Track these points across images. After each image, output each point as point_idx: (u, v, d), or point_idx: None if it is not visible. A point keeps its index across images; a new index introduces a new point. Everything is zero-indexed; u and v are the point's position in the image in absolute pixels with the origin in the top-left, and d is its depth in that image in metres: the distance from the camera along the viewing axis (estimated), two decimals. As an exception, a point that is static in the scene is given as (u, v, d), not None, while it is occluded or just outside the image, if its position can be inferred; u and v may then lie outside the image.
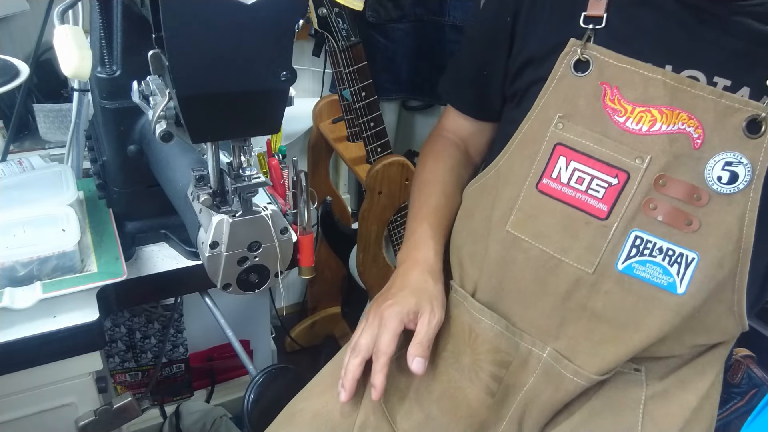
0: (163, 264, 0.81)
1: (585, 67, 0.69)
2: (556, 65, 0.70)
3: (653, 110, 0.66)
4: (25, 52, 1.02)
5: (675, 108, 0.65)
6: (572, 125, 0.69)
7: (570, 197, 0.69)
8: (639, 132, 0.66)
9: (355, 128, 1.22)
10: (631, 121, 0.67)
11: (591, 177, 0.68)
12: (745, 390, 1.01)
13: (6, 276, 0.68)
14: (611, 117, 0.67)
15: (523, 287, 0.71)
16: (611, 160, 0.66)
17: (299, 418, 0.72)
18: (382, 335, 0.68)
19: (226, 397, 1.45)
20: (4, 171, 0.89)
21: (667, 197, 0.64)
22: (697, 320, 0.66)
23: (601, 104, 0.68)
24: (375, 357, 0.68)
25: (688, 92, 0.65)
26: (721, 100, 0.63)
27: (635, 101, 0.66)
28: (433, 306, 0.71)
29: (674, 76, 0.65)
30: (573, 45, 0.69)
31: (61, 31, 0.60)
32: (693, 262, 0.64)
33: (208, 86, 0.46)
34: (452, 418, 0.72)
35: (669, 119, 0.65)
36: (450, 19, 1.35)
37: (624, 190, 0.66)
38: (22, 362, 0.68)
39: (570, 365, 0.68)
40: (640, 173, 0.65)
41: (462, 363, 0.74)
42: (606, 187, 0.67)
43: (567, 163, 0.69)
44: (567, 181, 0.69)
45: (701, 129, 0.64)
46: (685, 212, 0.64)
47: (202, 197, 0.55)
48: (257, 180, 0.55)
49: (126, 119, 0.74)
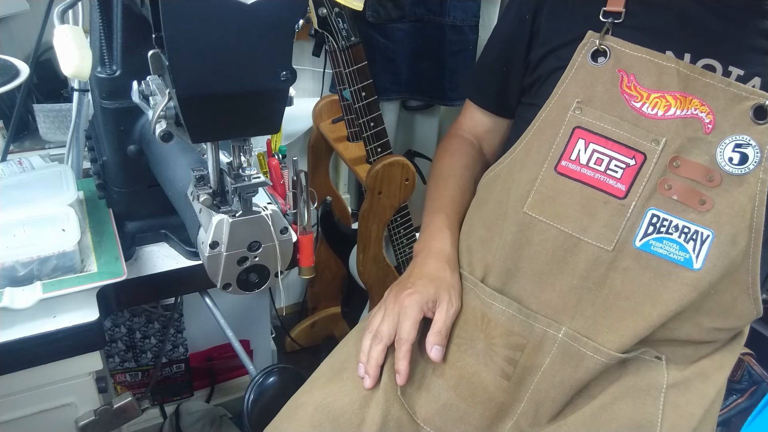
0: (163, 264, 0.81)
1: (603, 56, 0.72)
2: (575, 55, 0.73)
3: (668, 96, 0.69)
4: (25, 52, 1.02)
5: (688, 94, 0.68)
6: (591, 109, 0.72)
7: (589, 177, 0.71)
8: (654, 116, 0.69)
9: (355, 128, 1.22)
10: (647, 105, 0.70)
11: (610, 158, 0.71)
12: (745, 387, 1.02)
13: (6, 276, 0.68)
14: (628, 102, 0.71)
15: (539, 269, 0.73)
16: (628, 141, 0.70)
17: (302, 411, 0.72)
18: (403, 323, 0.71)
19: (226, 397, 1.45)
20: (4, 171, 0.89)
21: (681, 178, 0.68)
22: (714, 300, 0.68)
23: (619, 90, 0.71)
24: (397, 344, 0.71)
25: (699, 80, 0.68)
26: (730, 88, 0.67)
27: (651, 87, 0.70)
28: (451, 295, 0.75)
29: (687, 65, 0.69)
30: (591, 36, 0.72)
31: (61, 31, 0.60)
32: (708, 239, 0.67)
33: (208, 86, 0.46)
34: (470, 404, 0.73)
35: (683, 104, 0.68)
36: (450, 19, 1.35)
37: (641, 171, 0.69)
38: (22, 362, 0.68)
39: (590, 343, 0.70)
40: (656, 155, 0.68)
41: (476, 348, 0.75)
42: (624, 168, 0.70)
43: (586, 145, 0.72)
44: (586, 162, 0.72)
45: (712, 114, 0.67)
46: (699, 192, 0.67)
47: (202, 197, 0.55)
48: (257, 180, 0.55)
49: (126, 119, 0.74)
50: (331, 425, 0.70)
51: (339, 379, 0.75)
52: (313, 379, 0.78)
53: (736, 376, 1.02)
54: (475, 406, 0.73)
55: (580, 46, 0.73)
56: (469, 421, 0.73)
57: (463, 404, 0.74)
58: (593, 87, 0.72)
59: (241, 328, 1.41)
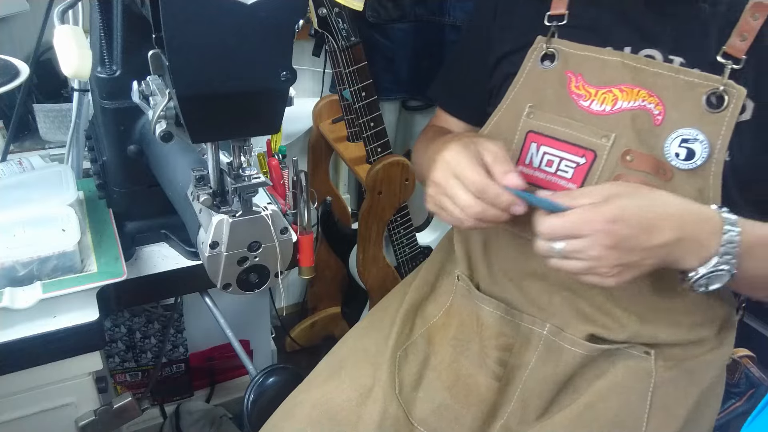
0: (163, 264, 0.81)
1: (551, 59, 0.72)
2: (525, 60, 0.73)
3: (614, 90, 0.68)
4: (25, 52, 1.02)
5: (635, 86, 0.67)
6: (541, 113, 0.71)
7: (541, 180, 0.71)
8: (603, 112, 0.68)
9: (355, 128, 1.22)
10: (595, 103, 0.69)
11: (559, 158, 0.70)
12: (743, 390, 1.02)
13: (6, 276, 0.68)
14: (576, 102, 0.70)
15: (511, 271, 0.74)
16: (577, 140, 0.69)
17: (299, 409, 0.73)
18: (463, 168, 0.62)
19: (226, 397, 1.45)
20: (4, 171, 0.89)
21: (635, 171, 0.66)
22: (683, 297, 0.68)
23: (567, 91, 0.70)
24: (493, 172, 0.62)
25: (647, 71, 0.66)
26: (680, 76, 0.65)
27: (598, 84, 0.69)
28: (485, 142, 0.65)
29: (632, 57, 0.67)
30: (539, 41, 0.72)
31: (61, 31, 0.60)
32: None
33: (208, 86, 0.46)
34: (464, 405, 0.74)
35: (629, 96, 0.67)
36: (450, 19, 1.35)
37: (592, 169, 0.68)
38: (22, 362, 0.68)
39: (568, 336, 0.71)
40: (606, 150, 0.67)
41: (471, 351, 0.76)
42: (574, 167, 0.69)
43: (537, 149, 0.72)
44: (538, 164, 0.71)
45: (662, 105, 0.66)
46: (655, 185, 0.65)
47: (202, 197, 0.55)
48: (257, 180, 0.55)
49: (126, 119, 0.74)
50: (328, 422, 0.70)
51: (337, 376, 0.75)
52: (311, 378, 0.79)
53: (734, 379, 1.02)
54: (469, 407, 0.74)
55: (530, 51, 0.73)
56: (463, 423, 0.73)
57: (457, 405, 0.74)
58: (543, 91, 0.72)
59: (241, 328, 1.41)
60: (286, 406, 0.76)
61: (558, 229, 0.58)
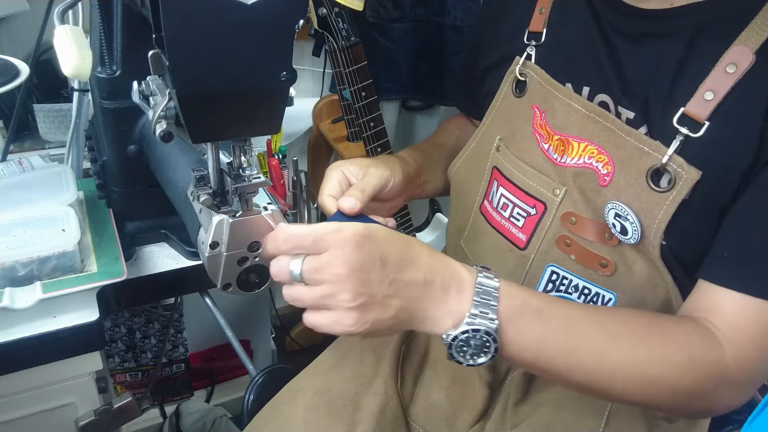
0: (163, 264, 0.81)
1: (522, 87, 0.66)
2: (503, 83, 0.69)
3: (568, 138, 0.61)
4: (25, 52, 1.02)
5: (584, 140, 0.59)
6: (506, 150, 0.67)
7: (497, 222, 0.68)
8: (556, 162, 0.62)
9: (355, 128, 1.22)
10: (551, 148, 0.63)
11: (513, 205, 0.66)
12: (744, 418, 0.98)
13: (6, 276, 0.68)
14: (539, 143, 0.64)
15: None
16: (530, 189, 0.64)
17: (301, 395, 0.72)
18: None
19: (226, 397, 1.45)
20: (4, 171, 0.88)
21: (578, 237, 0.60)
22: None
23: (531, 128, 0.65)
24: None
25: (600, 123, 0.58)
26: (630, 138, 0.56)
27: (555, 127, 0.62)
28: (373, 164, 0.66)
29: (587, 104, 0.59)
30: (516, 63, 0.67)
31: (61, 31, 0.60)
32: (610, 303, 0.61)
33: (209, 86, 0.46)
34: (456, 408, 0.73)
35: (576, 151, 0.60)
36: (450, 19, 1.35)
37: (541, 222, 0.63)
38: (22, 362, 0.68)
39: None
40: (555, 205, 0.61)
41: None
42: (525, 217, 0.64)
43: (497, 188, 0.68)
44: (497, 206, 0.68)
45: (611, 165, 0.57)
46: (598, 255, 0.59)
47: (202, 197, 0.55)
48: (257, 180, 0.55)
49: (126, 119, 0.74)
50: (326, 408, 0.70)
51: (340, 365, 0.76)
52: (316, 363, 0.79)
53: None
54: (460, 410, 0.73)
55: (508, 73, 0.68)
56: (454, 425, 0.72)
57: (450, 407, 0.73)
58: (512, 123, 0.67)
59: (241, 328, 1.41)
60: (289, 389, 0.75)
61: (297, 235, 0.49)
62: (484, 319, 0.49)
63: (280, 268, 0.50)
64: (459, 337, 0.49)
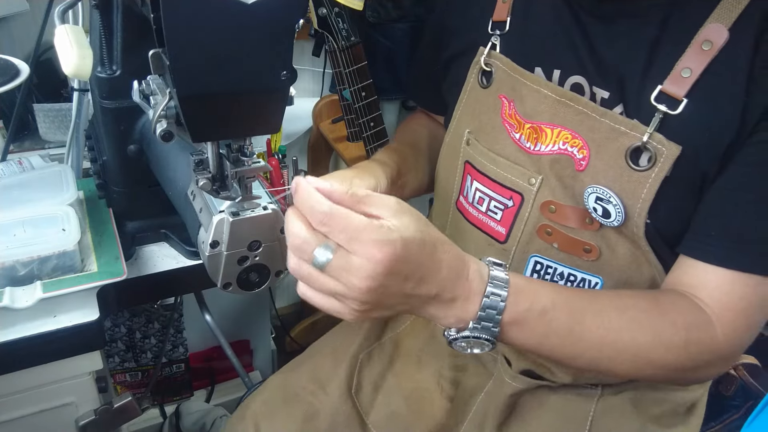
0: (163, 264, 0.81)
1: (488, 77, 0.65)
2: (468, 74, 0.67)
3: (537, 126, 0.60)
4: (25, 52, 1.02)
5: (556, 125, 0.58)
6: (476, 143, 0.66)
7: (474, 218, 0.67)
8: (529, 150, 0.61)
9: (355, 128, 1.22)
10: (523, 137, 0.61)
11: (489, 198, 0.64)
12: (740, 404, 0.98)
13: (6, 276, 0.68)
14: (509, 133, 0.62)
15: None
16: (505, 180, 0.62)
17: (262, 390, 0.78)
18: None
19: (226, 397, 1.45)
20: (4, 171, 0.88)
21: (559, 225, 0.59)
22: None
23: (500, 119, 0.63)
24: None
25: (572, 107, 0.57)
26: (605, 120, 0.55)
27: (525, 116, 0.61)
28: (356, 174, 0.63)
29: (557, 89, 0.58)
30: (480, 54, 0.65)
31: (61, 31, 0.60)
32: (597, 287, 0.61)
33: (209, 86, 0.46)
34: (416, 418, 0.73)
35: (550, 138, 0.59)
36: (450, 19, 1.35)
37: (519, 213, 0.62)
38: (22, 362, 0.68)
39: (509, 370, 0.69)
40: (532, 195, 0.60)
41: (431, 366, 0.76)
42: (503, 209, 0.63)
43: (471, 183, 0.66)
44: (473, 200, 0.66)
45: (587, 149, 0.57)
46: (581, 240, 0.59)
47: (201, 182, 0.54)
48: (257, 164, 0.55)
49: (126, 119, 0.74)
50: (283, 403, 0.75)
51: (299, 367, 0.79)
52: (286, 365, 0.83)
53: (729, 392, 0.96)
54: (419, 421, 0.73)
55: (473, 64, 0.67)
56: None
57: (410, 417, 0.73)
58: (480, 116, 0.66)
59: (241, 328, 1.41)
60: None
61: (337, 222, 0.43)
62: (486, 329, 0.50)
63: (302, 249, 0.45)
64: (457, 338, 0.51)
